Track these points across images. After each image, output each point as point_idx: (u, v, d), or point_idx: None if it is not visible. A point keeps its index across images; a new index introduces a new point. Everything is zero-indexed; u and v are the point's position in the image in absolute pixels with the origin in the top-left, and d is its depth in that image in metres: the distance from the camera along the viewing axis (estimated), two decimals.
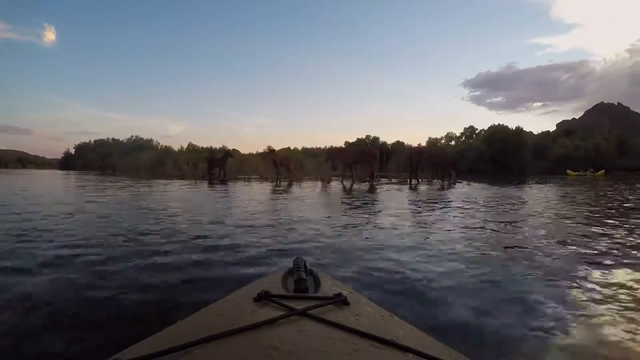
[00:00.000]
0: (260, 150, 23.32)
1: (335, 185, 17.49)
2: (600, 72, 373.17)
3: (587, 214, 6.73)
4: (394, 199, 10.01)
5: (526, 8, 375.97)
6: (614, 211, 7.20)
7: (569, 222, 5.72)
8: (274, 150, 22.01)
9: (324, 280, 1.11)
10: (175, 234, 4.39)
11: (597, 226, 5.26)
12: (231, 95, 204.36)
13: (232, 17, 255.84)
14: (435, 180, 21.29)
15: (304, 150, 46.37)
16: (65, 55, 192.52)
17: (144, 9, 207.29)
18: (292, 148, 47.73)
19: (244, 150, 41.90)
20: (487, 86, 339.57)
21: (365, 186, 16.47)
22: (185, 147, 45.89)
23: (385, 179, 23.61)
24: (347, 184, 18.59)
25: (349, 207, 7.80)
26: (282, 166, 22.34)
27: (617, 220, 5.82)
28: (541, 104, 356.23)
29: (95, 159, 44.70)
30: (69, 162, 56.17)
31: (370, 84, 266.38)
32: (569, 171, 36.26)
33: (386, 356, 0.67)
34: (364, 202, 9.07)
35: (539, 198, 10.72)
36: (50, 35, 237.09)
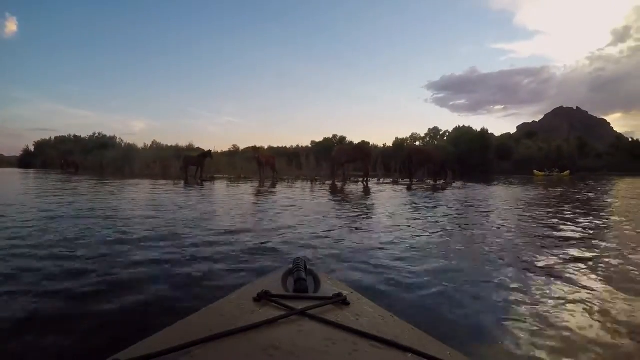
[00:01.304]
0: (226, 149, 22.52)
1: (326, 185, 16.36)
2: (561, 77, 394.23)
3: None
4: (437, 209, 7.63)
5: (491, 15, 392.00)
6: None
7: None
8: (259, 148, 21.35)
9: (323, 280, 1.11)
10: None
11: None
12: (196, 93, 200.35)
13: (198, 14, 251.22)
14: (429, 181, 20.62)
15: (271, 149, 46.14)
16: (26, 48, 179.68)
17: (110, 3, 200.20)
18: (258, 147, 47.50)
19: (209, 149, 41.25)
20: (451, 89, 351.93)
21: (358, 187, 15.75)
22: (150, 145, 44.20)
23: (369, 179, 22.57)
24: (339, 184, 17.80)
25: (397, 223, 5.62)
26: (267, 165, 21.55)
27: None
28: (502, 107, 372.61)
29: (56, 157, 41.76)
30: (28, 160, 52.26)
31: (336, 84, 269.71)
32: (535, 171, 37.73)
33: (386, 356, 0.67)
34: (397, 212, 6.87)
35: (578, 197, 11.33)
36: (11, 26, 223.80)
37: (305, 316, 0.79)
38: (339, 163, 20.04)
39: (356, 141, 58.44)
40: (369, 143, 54.24)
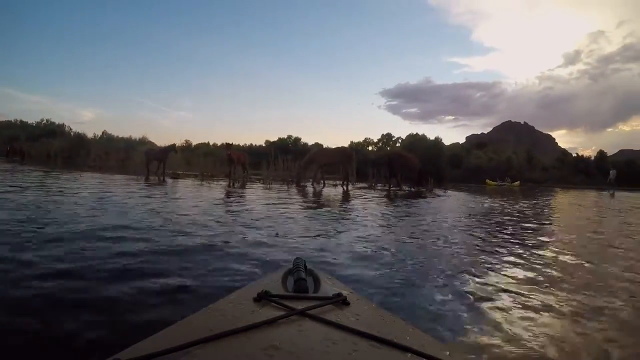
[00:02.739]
0: (179, 145, 21.38)
1: (306, 188, 15.72)
2: (511, 93, 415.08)
3: None
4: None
5: (450, 29, 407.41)
6: None
7: None
8: (231, 144, 20.13)
9: (323, 280, 1.12)
10: None
11: None
12: (150, 85, 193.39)
13: (158, 5, 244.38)
14: (407, 187, 20.18)
15: (224, 147, 45.13)
16: None
17: None
18: (211, 144, 46.64)
19: (162, 143, 39.39)
20: (405, 97, 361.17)
21: (336, 190, 15.47)
22: (100, 135, 42.23)
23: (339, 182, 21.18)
24: (317, 186, 17.35)
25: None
26: (239, 164, 20.78)
27: None
28: (453, 117, 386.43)
29: (0, 143, 38.06)
30: None
31: (292, 85, 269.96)
32: (488, 180, 39.15)
33: (386, 356, 0.68)
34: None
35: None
36: None
37: (305, 316, 0.79)
38: (319, 165, 19.38)
39: (310, 143, 59.30)
40: (322, 145, 54.97)
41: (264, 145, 53.90)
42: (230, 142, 20.12)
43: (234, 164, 20.13)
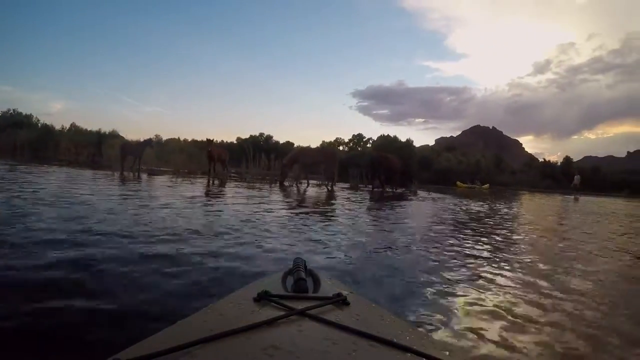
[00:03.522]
0: (142, 139, 20.51)
1: (293, 188, 15.62)
2: (481, 98, 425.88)
3: None
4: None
5: (425, 34, 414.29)
6: None
7: None
8: (212, 140, 19.39)
9: (323, 280, 1.12)
10: None
11: None
12: (122, 78, 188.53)
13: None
14: (390, 189, 19.99)
15: (195, 142, 44.28)
16: None
17: None
18: (181, 139, 45.73)
19: (132, 137, 36.83)
20: (376, 98, 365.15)
21: (321, 190, 15.18)
22: (68, 127, 40.43)
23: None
24: (301, 186, 17.03)
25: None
26: (219, 160, 20.05)
27: None
28: (423, 120, 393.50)
29: None
30: None
31: (264, 83, 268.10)
32: (458, 183, 39.84)
33: (386, 356, 0.68)
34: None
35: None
36: None
37: (305, 316, 0.79)
38: (303, 165, 18.89)
39: (282, 141, 59.28)
40: (293, 144, 54.91)
41: (235, 142, 53.62)
42: (212, 138, 19.45)
43: (214, 161, 19.48)
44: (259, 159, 22.12)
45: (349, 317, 0.82)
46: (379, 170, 19.98)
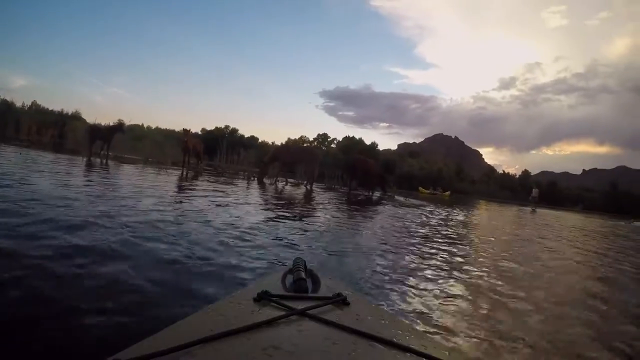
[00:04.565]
0: (112, 123, 19.61)
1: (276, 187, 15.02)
2: (445, 108, 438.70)
3: None
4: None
5: (396, 40, 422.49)
6: None
7: None
8: (188, 131, 18.31)
9: (323, 280, 1.12)
10: None
11: None
12: (85, 54, 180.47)
13: None
14: (366, 192, 19.92)
15: (158, 130, 43.22)
16: None
17: None
18: (145, 125, 44.38)
19: (93, 120, 34.31)
20: (343, 100, 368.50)
21: (300, 190, 14.92)
22: (29, 106, 37.39)
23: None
24: (278, 185, 16.66)
25: None
26: (195, 152, 19.30)
27: None
28: (387, 125, 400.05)
29: None
30: None
31: (231, 75, 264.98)
32: (420, 188, 40.35)
33: (386, 356, 0.69)
34: None
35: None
36: None
37: (305, 316, 0.79)
38: (283, 163, 18.41)
39: (247, 135, 58.71)
40: (257, 138, 54.60)
41: (200, 133, 52.77)
42: (188, 129, 18.51)
43: (189, 153, 18.74)
44: (238, 154, 21.47)
45: (349, 317, 0.83)
46: (356, 172, 19.94)
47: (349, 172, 20.35)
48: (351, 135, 62.08)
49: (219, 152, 21.80)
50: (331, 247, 4.48)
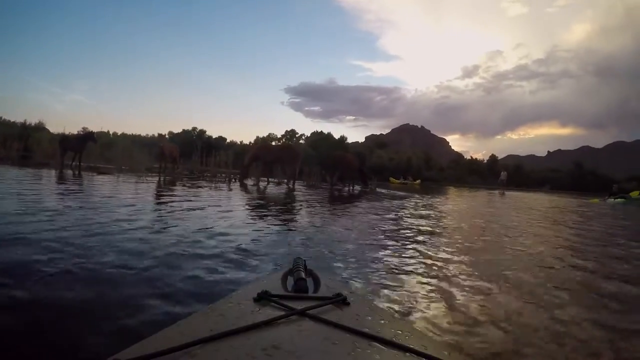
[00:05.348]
0: (75, 132, 18.91)
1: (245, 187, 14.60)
2: (410, 99, 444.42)
3: None
4: None
5: (358, 33, 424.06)
6: None
7: None
8: (163, 136, 17.74)
9: (323, 280, 1.12)
10: None
11: None
12: (41, 61, 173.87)
13: None
14: (348, 187, 20.05)
15: (125, 136, 42.31)
16: None
17: None
18: (110, 133, 43.29)
19: (56, 130, 32.86)
20: (308, 95, 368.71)
21: (282, 189, 14.74)
22: None
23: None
24: (259, 185, 16.54)
25: None
26: (171, 158, 18.82)
27: None
28: (354, 117, 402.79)
29: None
30: None
31: (195, 76, 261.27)
32: (391, 178, 40.86)
33: (386, 356, 0.68)
34: None
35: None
36: None
37: (305, 316, 0.79)
38: (265, 162, 18.30)
39: (215, 136, 58.08)
40: (225, 139, 54.07)
41: (167, 136, 51.93)
42: (163, 134, 18.07)
43: (166, 159, 18.31)
44: (214, 156, 21.00)
45: (349, 317, 0.83)
46: (337, 168, 20.20)
47: (330, 168, 20.54)
48: (319, 130, 62.30)
49: (193, 155, 21.41)
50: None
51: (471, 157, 72.89)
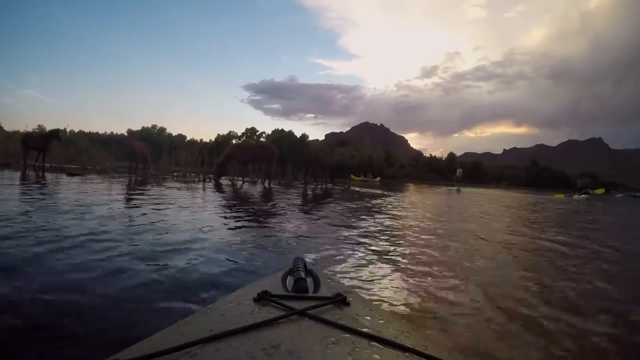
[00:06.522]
0: (30, 130, 18.01)
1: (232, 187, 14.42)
2: (370, 97, 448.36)
3: None
4: None
5: (319, 32, 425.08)
6: None
7: None
8: (133, 132, 17.63)
9: (323, 280, 1.13)
10: None
11: None
12: None
13: None
14: (320, 185, 20.27)
15: (83, 134, 40.96)
16: None
17: None
18: (67, 130, 41.98)
19: (10, 127, 30.92)
20: (268, 93, 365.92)
21: (258, 188, 14.56)
22: None
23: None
24: (239, 183, 16.44)
25: None
26: (142, 157, 18.22)
27: None
28: (314, 115, 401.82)
29: None
30: None
31: (155, 73, 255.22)
32: (352, 176, 41.60)
33: (386, 356, 0.69)
34: None
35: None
36: None
37: (305, 316, 0.80)
38: (240, 161, 18.15)
39: (175, 133, 57.40)
40: (185, 137, 53.58)
41: (126, 134, 50.99)
42: (132, 130, 17.32)
43: (137, 157, 17.78)
44: (184, 155, 20.62)
45: (349, 317, 0.84)
46: (311, 166, 20.63)
47: (303, 166, 20.95)
48: (280, 128, 62.47)
49: (163, 154, 21.11)
50: None
51: (430, 155, 74.71)
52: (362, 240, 4.80)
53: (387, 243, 4.79)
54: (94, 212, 5.40)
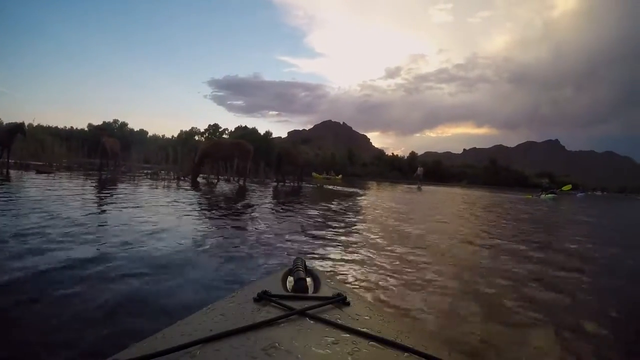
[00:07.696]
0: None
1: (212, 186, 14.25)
2: (334, 96, 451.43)
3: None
4: None
5: (285, 29, 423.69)
6: None
7: None
8: (104, 129, 16.72)
9: (323, 280, 1.13)
10: None
11: None
12: None
13: None
14: (291, 183, 20.59)
15: (41, 128, 39.98)
16: None
17: None
18: (34, 124, 40.49)
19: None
20: (232, 89, 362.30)
21: (234, 186, 14.48)
22: None
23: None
24: (210, 181, 16.39)
25: None
26: (112, 154, 17.90)
27: None
28: (277, 113, 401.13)
29: None
30: None
31: (115, 66, 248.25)
32: (315, 174, 41.66)
33: (386, 356, 0.71)
34: None
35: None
36: None
37: (305, 316, 0.82)
38: (214, 159, 18.03)
39: (136, 128, 56.63)
40: (147, 132, 53.12)
41: (86, 129, 50.28)
42: (104, 127, 16.76)
43: (108, 155, 17.39)
44: (168, 155, 19.91)
45: (349, 317, 0.85)
46: (283, 164, 20.59)
47: (277, 164, 20.83)
48: (243, 125, 62.63)
49: (131, 151, 20.72)
50: None
51: (392, 153, 76.52)
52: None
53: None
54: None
